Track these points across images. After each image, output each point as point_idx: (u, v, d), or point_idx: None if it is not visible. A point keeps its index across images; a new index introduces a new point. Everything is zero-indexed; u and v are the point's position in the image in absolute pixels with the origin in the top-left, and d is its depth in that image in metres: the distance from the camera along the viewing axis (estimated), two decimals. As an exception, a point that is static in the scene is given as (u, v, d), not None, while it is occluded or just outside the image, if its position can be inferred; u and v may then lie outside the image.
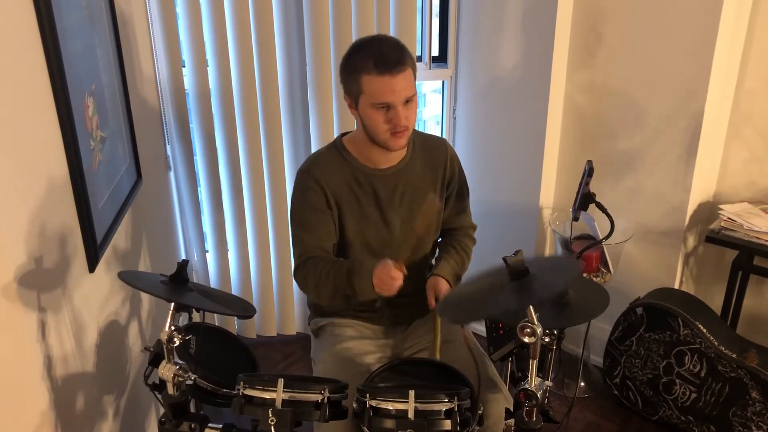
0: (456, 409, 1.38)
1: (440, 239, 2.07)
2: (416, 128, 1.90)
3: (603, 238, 2.25)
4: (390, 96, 1.66)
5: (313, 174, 1.83)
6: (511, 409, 1.51)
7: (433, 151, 1.93)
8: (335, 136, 2.74)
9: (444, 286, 1.86)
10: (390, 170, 1.86)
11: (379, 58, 1.64)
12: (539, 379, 1.40)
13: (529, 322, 1.33)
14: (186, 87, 2.61)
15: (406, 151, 1.88)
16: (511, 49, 2.73)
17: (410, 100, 1.70)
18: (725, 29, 2.29)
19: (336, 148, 1.87)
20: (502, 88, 2.82)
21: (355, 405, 1.44)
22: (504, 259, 1.40)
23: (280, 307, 3.08)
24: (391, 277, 1.70)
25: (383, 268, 1.72)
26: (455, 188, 1.98)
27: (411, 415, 1.36)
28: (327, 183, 1.82)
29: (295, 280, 1.90)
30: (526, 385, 1.39)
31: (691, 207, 2.54)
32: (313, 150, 2.78)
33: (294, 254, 1.89)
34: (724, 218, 2.43)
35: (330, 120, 2.75)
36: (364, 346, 1.89)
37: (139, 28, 2.37)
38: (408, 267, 1.86)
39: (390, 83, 1.64)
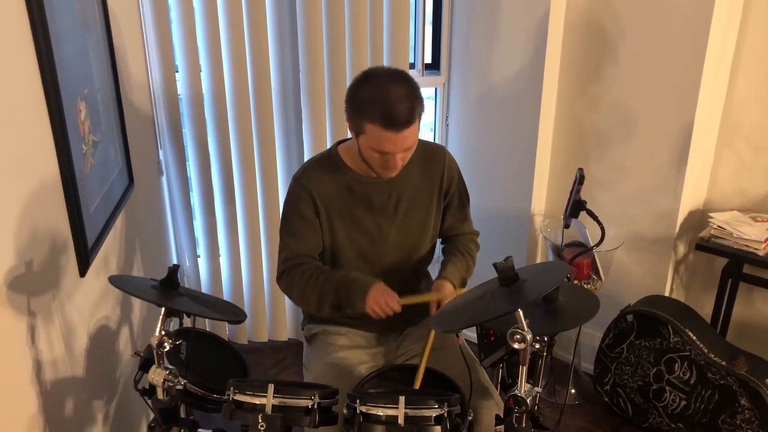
0: (446, 415, 1.38)
1: (444, 245, 2.06)
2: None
3: (594, 245, 2.26)
4: (391, 147, 1.64)
5: (303, 182, 1.83)
6: (501, 415, 1.52)
7: (431, 159, 1.91)
8: (328, 142, 2.77)
9: (449, 290, 1.84)
10: (384, 179, 1.85)
11: (389, 114, 1.58)
12: (529, 386, 1.41)
13: (519, 328, 1.33)
14: (179, 92, 2.61)
15: None
16: (504, 57, 2.74)
17: (411, 147, 1.68)
18: (715, 40, 2.31)
19: (330, 157, 1.87)
20: (494, 96, 2.83)
21: (345, 411, 1.44)
22: (494, 264, 1.41)
23: (272, 312, 3.08)
24: (387, 304, 1.71)
25: (381, 292, 1.73)
26: (455, 195, 1.97)
27: (401, 420, 1.36)
28: (318, 191, 1.82)
29: (279, 286, 1.89)
30: (516, 392, 1.39)
31: (682, 215, 2.55)
32: (306, 156, 2.78)
33: (279, 259, 1.89)
34: (714, 226, 2.44)
35: (323, 126, 2.76)
36: (356, 355, 1.89)
37: (133, 33, 2.37)
38: (401, 273, 1.87)
39: (394, 138, 1.61)
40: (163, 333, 1.44)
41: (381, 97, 1.59)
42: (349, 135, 1.82)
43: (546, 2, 2.52)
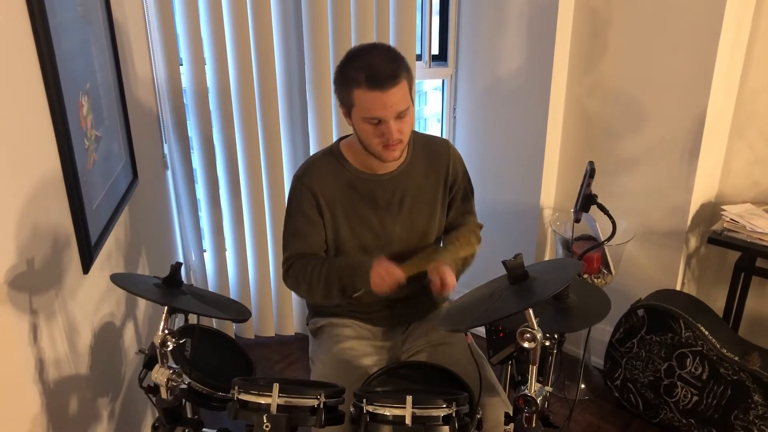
0: (454, 414, 1.36)
1: (445, 234, 2.02)
2: (416, 129, 1.87)
3: (604, 240, 2.24)
4: (381, 111, 1.61)
5: (305, 182, 1.81)
6: (510, 413, 1.49)
7: (435, 154, 1.89)
8: (334, 135, 2.74)
9: (447, 268, 1.73)
10: (387, 176, 1.83)
11: (371, 72, 1.59)
12: (539, 385, 1.38)
13: (528, 327, 1.31)
14: (183, 85, 2.59)
15: (405, 155, 1.84)
16: (512, 48, 2.71)
17: (403, 114, 1.65)
18: (728, 29, 2.27)
19: (332, 154, 1.85)
20: (502, 88, 2.80)
21: (352, 410, 1.42)
22: (503, 262, 1.38)
23: (278, 307, 3.07)
24: (390, 275, 1.68)
25: (383, 265, 1.70)
26: (459, 190, 1.94)
27: (408, 420, 1.34)
28: (320, 190, 1.80)
29: (286, 284, 1.89)
30: (526, 391, 1.37)
31: (693, 208, 2.52)
32: (312, 150, 2.76)
33: (283, 257, 1.89)
34: (727, 219, 2.41)
35: (328, 119, 2.73)
36: (362, 347, 1.88)
37: (136, 26, 2.35)
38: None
39: (381, 99, 1.60)
40: (166, 332, 1.43)
41: (363, 63, 1.62)
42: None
43: (555, -8, 2.49)
